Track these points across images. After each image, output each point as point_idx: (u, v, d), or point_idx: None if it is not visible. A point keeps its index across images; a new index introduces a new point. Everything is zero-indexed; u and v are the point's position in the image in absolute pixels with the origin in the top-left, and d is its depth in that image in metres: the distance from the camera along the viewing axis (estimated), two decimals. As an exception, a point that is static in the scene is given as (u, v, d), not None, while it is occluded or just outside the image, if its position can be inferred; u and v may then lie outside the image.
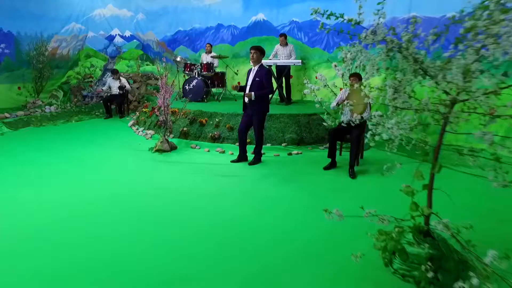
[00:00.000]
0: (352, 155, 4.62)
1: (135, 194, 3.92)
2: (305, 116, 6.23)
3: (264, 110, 4.82)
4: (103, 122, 8.55)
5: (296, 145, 5.85)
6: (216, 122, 6.10)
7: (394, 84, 2.46)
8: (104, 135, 7.05)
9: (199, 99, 7.63)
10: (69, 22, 11.70)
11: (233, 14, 9.42)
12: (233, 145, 5.77)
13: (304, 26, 8.14)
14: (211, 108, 6.68)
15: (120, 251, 2.72)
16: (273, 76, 7.46)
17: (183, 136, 6.20)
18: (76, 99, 10.95)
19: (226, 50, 9.63)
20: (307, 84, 5.83)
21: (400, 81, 2.46)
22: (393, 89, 2.48)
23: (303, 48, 8.17)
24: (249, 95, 4.69)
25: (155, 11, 11.51)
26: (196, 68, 7.76)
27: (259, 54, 4.72)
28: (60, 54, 11.67)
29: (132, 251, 2.72)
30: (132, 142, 6.39)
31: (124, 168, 4.90)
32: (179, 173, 4.70)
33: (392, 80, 2.48)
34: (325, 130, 6.21)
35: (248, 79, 4.84)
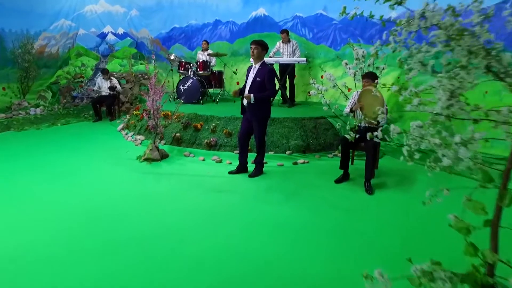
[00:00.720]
0: (369, 167, 3.99)
1: (112, 216, 3.29)
2: (311, 120, 5.60)
3: (265, 114, 4.19)
4: (91, 125, 7.91)
5: (302, 152, 5.23)
6: (213, 127, 5.48)
7: (451, 86, 1.82)
8: (89, 140, 6.42)
9: (194, 101, 7.00)
10: (58, 19, 11.06)
11: (232, 9, 8.80)
12: (231, 153, 5.14)
13: (308, 21, 7.51)
14: (207, 111, 6.05)
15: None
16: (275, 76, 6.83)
17: (176, 143, 5.57)
18: (65, 100, 10.32)
19: (224, 47, 9.00)
20: (313, 84, 5.18)
21: (461, 82, 1.82)
22: (449, 92, 1.84)
23: (308, 45, 7.55)
24: (248, 97, 4.07)
25: (149, 7, 10.88)
26: (192, 67, 7.13)
27: (261, 49, 4.09)
28: (49, 52, 11.04)
29: None
30: (119, 149, 5.76)
31: (105, 181, 4.27)
32: (167, 188, 4.07)
33: (450, 80, 1.85)
34: (334, 135, 5.60)
35: (248, 78, 4.21)
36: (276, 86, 4.51)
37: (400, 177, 4.40)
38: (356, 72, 5.10)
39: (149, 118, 5.16)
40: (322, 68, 6.35)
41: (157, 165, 4.89)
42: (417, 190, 3.98)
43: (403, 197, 3.83)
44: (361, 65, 5.18)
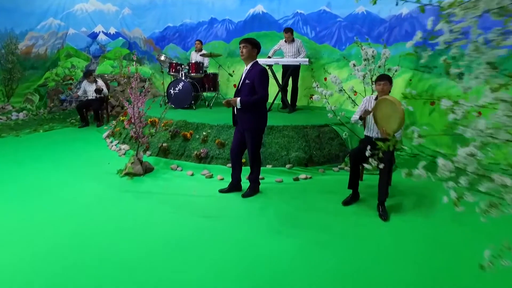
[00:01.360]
0: (383, 187, 3.39)
1: (79, 245, 2.69)
2: (314, 128, 5.00)
3: (259, 124, 3.57)
4: (76, 132, 7.32)
5: (304, 166, 4.62)
6: (204, 136, 4.88)
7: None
8: (70, 149, 5.83)
9: (186, 106, 6.41)
10: (46, 18, 10.50)
11: (228, 6, 8.21)
12: (224, 167, 4.54)
13: (311, 18, 6.91)
14: (198, 117, 5.45)
15: None
16: (274, 77, 6.25)
17: (162, 154, 4.97)
18: (52, 103, 9.74)
19: (220, 47, 8.42)
20: (316, 88, 4.56)
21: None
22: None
23: (310, 45, 6.95)
24: (234, 101, 3.47)
25: (142, 5, 10.30)
26: (183, 68, 6.54)
27: (251, 48, 3.48)
28: (36, 53, 10.48)
29: None
30: (100, 160, 5.17)
31: (77, 201, 3.68)
32: (146, 210, 3.47)
33: None
34: (340, 145, 4.99)
35: (240, 82, 3.62)
36: (274, 92, 3.79)
37: (418, 196, 3.80)
38: (365, 74, 4.50)
39: (130, 127, 4.57)
40: (326, 70, 5.76)
41: (139, 181, 4.29)
42: (440, 214, 3.38)
43: (424, 223, 3.23)
44: (370, 66, 4.58)
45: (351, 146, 5.01)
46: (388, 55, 4.50)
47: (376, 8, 6.05)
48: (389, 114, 3.25)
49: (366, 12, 6.19)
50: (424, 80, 5.59)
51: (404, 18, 5.71)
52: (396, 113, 3.15)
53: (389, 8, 5.88)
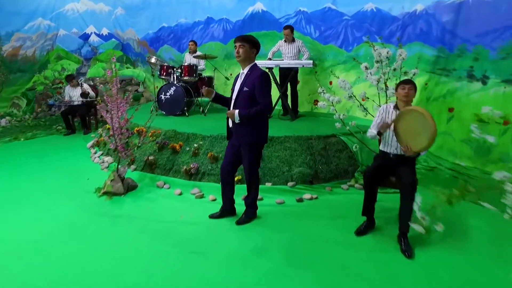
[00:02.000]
0: (406, 215, 2.79)
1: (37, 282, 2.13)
2: (319, 139, 4.42)
3: (258, 138, 2.99)
4: (60, 140, 6.76)
5: (309, 183, 4.04)
6: (195, 148, 4.30)
7: None
8: (49, 160, 5.27)
9: (178, 112, 5.84)
10: (35, 18, 9.97)
11: (226, 5, 7.65)
12: (217, 185, 3.96)
13: (314, 17, 6.35)
14: (190, 126, 4.89)
15: None
16: (275, 81, 5.68)
17: (148, 168, 4.40)
18: (40, 108, 9.20)
19: (217, 49, 7.86)
20: (322, 94, 3.97)
21: None
22: None
23: (314, 46, 6.38)
24: (231, 115, 2.90)
25: (135, 4, 9.76)
26: (175, 71, 5.98)
27: (249, 48, 2.91)
28: (24, 55, 9.94)
29: None
30: (80, 174, 4.61)
31: (38, 227, 3.11)
32: (122, 242, 2.89)
33: None
34: (349, 158, 4.41)
35: (234, 89, 3.04)
36: (274, 97, 3.15)
37: (445, 223, 3.20)
38: (379, 78, 3.92)
39: (110, 140, 4.00)
40: (333, 73, 5.19)
41: (118, 202, 3.72)
42: (477, 248, 2.80)
43: (457, 260, 2.65)
44: (384, 69, 4.00)
45: (361, 160, 4.43)
46: (404, 56, 3.93)
47: (387, 5, 5.49)
48: (416, 129, 2.68)
49: (376, 10, 5.62)
50: (441, 84, 5.01)
51: (419, 16, 5.14)
52: (426, 128, 2.58)
53: (402, 4, 5.32)
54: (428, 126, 2.60)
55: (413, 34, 5.22)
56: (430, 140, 2.63)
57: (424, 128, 2.63)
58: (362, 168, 4.35)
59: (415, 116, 2.71)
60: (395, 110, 3.11)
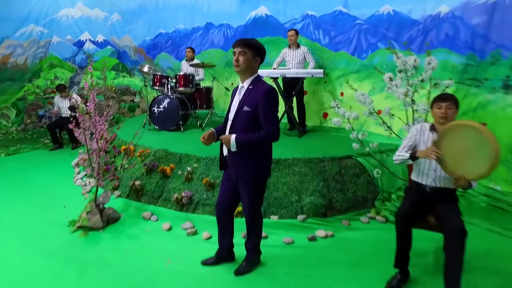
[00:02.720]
0: (454, 272, 2.16)
1: None
2: (333, 161, 3.80)
3: (261, 171, 2.35)
4: (45, 156, 6.18)
5: (322, 216, 3.41)
6: (188, 172, 3.69)
7: None
8: (26, 180, 4.69)
9: (172, 127, 5.25)
10: (27, 24, 9.49)
11: (226, 9, 7.10)
12: (213, 218, 3.31)
13: (324, 21, 5.77)
14: (184, 145, 4.29)
15: None
16: (280, 93, 5.09)
17: (134, 195, 3.79)
18: (29, 120, 8.65)
19: (217, 56, 7.30)
20: (336, 108, 3.32)
21: None
22: None
23: (323, 53, 5.79)
24: (226, 141, 2.26)
25: (132, 10, 9.27)
26: (169, 81, 5.39)
27: (251, 55, 2.27)
28: (14, 63, 9.45)
29: None
30: (58, 200, 4.02)
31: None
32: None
33: None
34: (368, 184, 3.79)
35: (231, 107, 2.41)
36: (279, 118, 2.41)
37: (498, 276, 2.56)
38: (407, 91, 3.29)
39: (88, 163, 3.40)
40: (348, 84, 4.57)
41: (94, 240, 3.10)
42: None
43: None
44: (409, 80, 3.38)
45: (381, 185, 3.80)
46: (435, 65, 3.31)
47: (406, 7, 4.89)
48: (468, 150, 2.09)
49: (393, 12, 5.03)
50: (471, 96, 4.39)
51: (444, 18, 4.54)
52: (483, 147, 2.00)
53: (423, 6, 4.72)
54: (486, 144, 2.01)
55: (437, 40, 4.61)
56: (492, 163, 2.01)
57: (479, 148, 2.03)
58: (383, 196, 3.72)
59: (466, 133, 2.10)
60: (433, 132, 2.49)
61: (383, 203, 3.63)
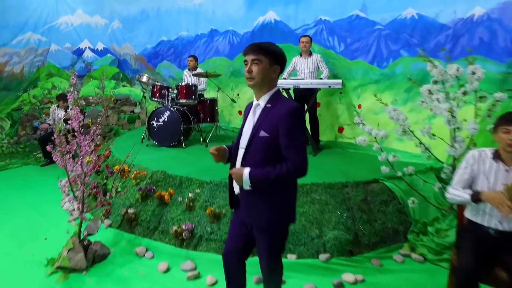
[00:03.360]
0: None
1: None
2: (357, 186, 3.27)
3: (284, 216, 1.80)
4: (35, 172, 5.70)
5: (348, 254, 2.86)
6: (189, 199, 3.17)
7: None
8: (9, 202, 4.21)
9: (173, 143, 4.74)
10: (24, 32, 9.11)
11: (232, 15, 6.66)
12: (218, 257, 2.80)
13: (339, 27, 5.29)
14: (185, 165, 3.78)
15: None
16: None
17: (127, 225, 3.27)
18: (24, 131, 8.20)
19: (222, 65, 6.83)
20: (361, 124, 2.83)
21: None
22: None
23: (338, 61, 5.30)
24: (238, 176, 1.71)
25: (133, 17, 8.87)
26: (170, 92, 4.91)
27: (269, 63, 1.73)
28: (10, 71, 9.05)
29: None
30: (40, 227, 3.53)
31: None
32: None
33: None
34: (398, 213, 3.24)
35: (243, 130, 1.89)
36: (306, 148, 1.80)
37: None
38: (451, 107, 2.77)
39: (73, 189, 2.90)
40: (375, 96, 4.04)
41: (75, 285, 2.58)
42: None
43: None
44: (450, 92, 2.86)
45: (413, 214, 3.26)
46: (481, 75, 2.80)
47: (432, 10, 4.40)
48: None
49: (417, 16, 4.54)
50: (511, 109, 3.84)
51: (478, 22, 4.04)
52: None
53: (453, 9, 4.22)
54: None
55: (470, 46, 4.10)
56: None
57: None
58: (417, 227, 3.16)
59: None
60: (497, 161, 1.96)
61: (418, 236, 3.08)
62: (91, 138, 2.81)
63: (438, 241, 2.83)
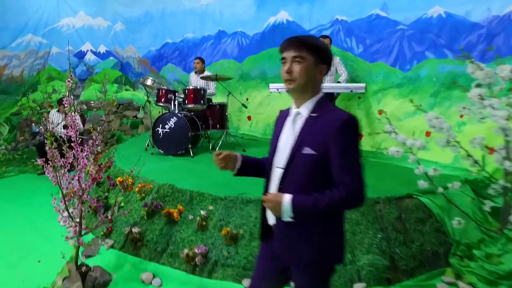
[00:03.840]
0: None
1: None
2: (390, 203, 2.90)
3: (331, 256, 1.42)
4: (32, 181, 5.36)
5: (386, 283, 2.49)
6: (202, 217, 2.81)
7: None
8: (3, 217, 3.85)
9: (180, 152, 4.39)
10: (24, 34, 8.82)
11: (241, 15, 6.33)
12: (238, 285, 2.44)
13: (357, 27, 4.96)
14: (194, 177, 3.42)
15: None
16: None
17: (131, 246, 2.90)
18: (22, 137, 7.88)
19: (230, 68, 6.50)
20: (393, 134, 2.49)
21: None
22: None
23: (356, 64, 4.96)
24: (275, 204, 1.33)
25: (136, 18, 8.57)
26: (177, 97, 4.57)
27: (313, 61, 1.36)
28: (9, 75, 8.75)
29: None
30: (34, 247, 3.18)
31: None
32: None
33: None
34: (436, 233, 2.88)
35: (278, 145, 1.51)
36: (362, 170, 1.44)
37: None
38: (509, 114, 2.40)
39: (69, 205, 2.55)
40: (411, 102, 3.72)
41: (72, 321, 2.21)
42: None
43: None
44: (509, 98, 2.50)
45: (452, 234, 2.88)
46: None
47: (462, 8, 4.06)
48: None
49: (445, 15, 4.20)
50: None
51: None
52: None
53: (487, 6, 3.88)
54: None
55: (506, 46, 3.76)
56: None
57: None
58: (460, 250, 2.79)
59: None
60: None
61: (462, 260, 2.71)
62: (89, 149, 2.46)
63: (490, 269, 2.46)
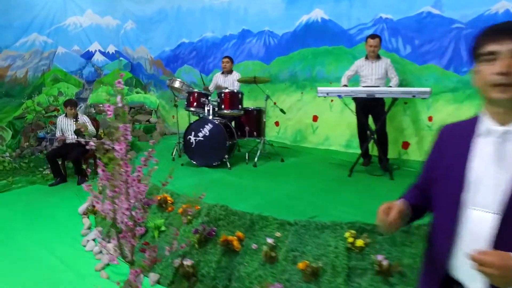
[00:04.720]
0: None
1: None
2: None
3: None
4: (43, 194, 4.82)
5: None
6: (269, 246, 2.35)
7: None
8: (9, 241, 3.33)
9: (216, 163, 3.93)
10: (29, 33, 8.29)
11: (269, 13, 5.90)
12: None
13: (404, 26, 4.55)
14: (247, 197, 2.96)
15: None
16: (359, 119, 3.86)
17: (183, 283, 2.43)
18: (27, 143, 7.35)
19: (255, 70, 6.04)
20: None
21: None
22: None
23: (403, 66, 4.54)
24: (506, 269, 0.85)
25: (149, 17, 8.11)
26: (210, 101, 4.11)
27: None
28: (13, 76, 8.21)
29: None
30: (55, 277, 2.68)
31: None
32: None
33: None
34: None
35: (470, 178, 1.00)
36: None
37: None
38: None
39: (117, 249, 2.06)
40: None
41: None
42: None
43: None
44: None
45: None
46: None
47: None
48: None
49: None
50: None
51: None
52: None
53: None
54: None
55: None
56: None
57: None
58: None
59: None
60: None
61: None
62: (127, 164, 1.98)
63: None
